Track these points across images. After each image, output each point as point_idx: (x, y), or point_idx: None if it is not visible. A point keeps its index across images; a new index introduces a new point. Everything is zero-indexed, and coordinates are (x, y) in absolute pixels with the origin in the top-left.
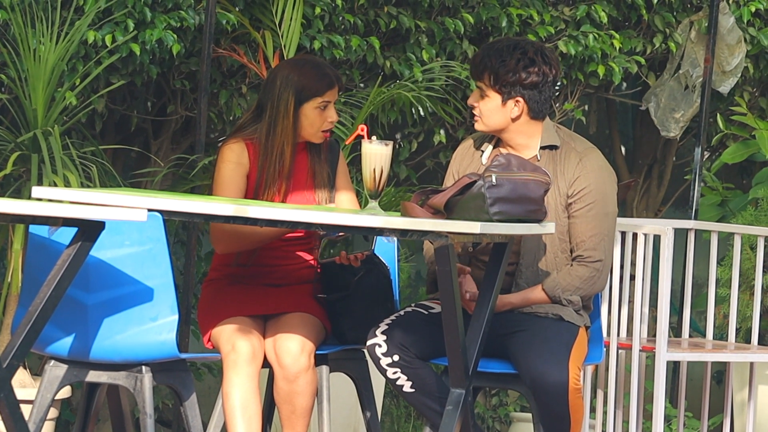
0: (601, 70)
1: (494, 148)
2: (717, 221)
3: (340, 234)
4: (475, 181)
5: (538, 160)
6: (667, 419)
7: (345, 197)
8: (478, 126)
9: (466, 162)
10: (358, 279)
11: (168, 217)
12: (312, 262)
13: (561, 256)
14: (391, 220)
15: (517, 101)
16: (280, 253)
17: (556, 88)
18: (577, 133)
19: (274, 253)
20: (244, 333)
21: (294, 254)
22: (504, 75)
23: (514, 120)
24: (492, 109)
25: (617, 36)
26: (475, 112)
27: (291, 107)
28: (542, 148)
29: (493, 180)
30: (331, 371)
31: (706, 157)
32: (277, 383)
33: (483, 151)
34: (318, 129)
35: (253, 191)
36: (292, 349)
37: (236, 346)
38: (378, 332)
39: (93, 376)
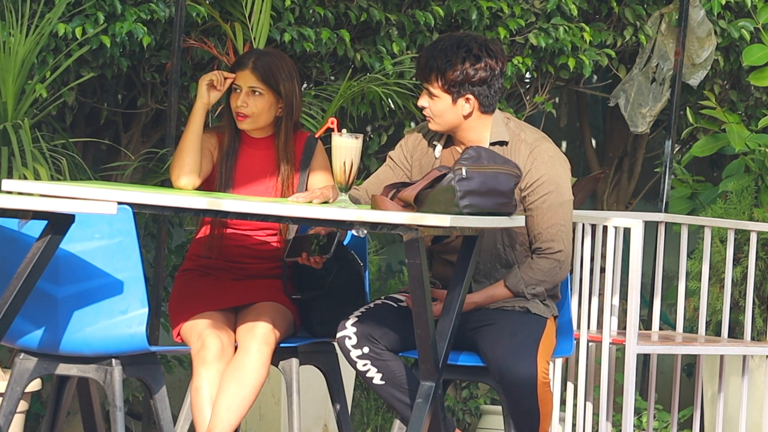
0: (571, 63)
1: (444, 147)
2: (687, 214)
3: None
4: (445, 174)
5: None
6: (638, 412)
7: (320, 176)
8: (432, 126)
9: (418, 153)
10: (332, 277)
11: (138, 210)
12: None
13: (519, 249)
14: (362, 214)
15: (467, 99)
16: (250, 252)
17: (526, 80)
18: (548, 126)
19: (245, 251)
20: (214, 329)
21: (265, 252)
22: (452, 75)
23: (466, 117)
24: (443, 110)
25: (587, 29)
26: (426, 113)
27: (228, 94)
28: (492, 144)
29: (463, 173)
30: (301, 364)
31: (677, 149)
32: (234, 356)
33: (435, 146)
34: (234, 112)
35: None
36: (258, 332)
37: (206, 342)
38: (348, 324)
39: (63, 369)
